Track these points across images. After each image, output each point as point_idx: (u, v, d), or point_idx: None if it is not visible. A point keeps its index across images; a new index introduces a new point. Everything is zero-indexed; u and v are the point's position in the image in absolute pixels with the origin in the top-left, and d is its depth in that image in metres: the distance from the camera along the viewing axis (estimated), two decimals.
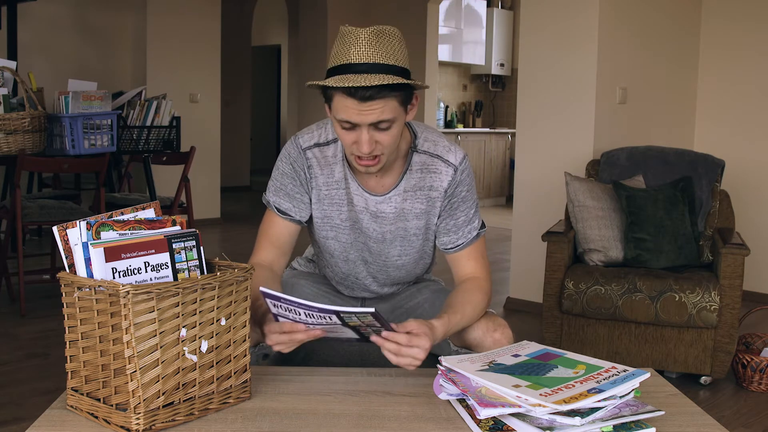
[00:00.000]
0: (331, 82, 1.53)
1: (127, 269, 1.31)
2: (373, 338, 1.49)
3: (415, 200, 1.78)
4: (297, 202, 1.79)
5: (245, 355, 1.44)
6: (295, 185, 1.79)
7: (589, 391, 1.29)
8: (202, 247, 1.42)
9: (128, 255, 1.32)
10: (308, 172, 1.78)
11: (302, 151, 1.77)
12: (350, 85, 1.50)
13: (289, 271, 2.08)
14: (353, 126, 1.58)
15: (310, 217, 1.83)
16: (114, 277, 1.30)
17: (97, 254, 1.29)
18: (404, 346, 1.46)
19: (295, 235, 1.84)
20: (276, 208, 1.80)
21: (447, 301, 1.72)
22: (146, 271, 1.33)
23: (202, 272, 1.41)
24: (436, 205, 1.78)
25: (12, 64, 4.35)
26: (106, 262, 1.29)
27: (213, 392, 1.38)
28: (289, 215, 1.80)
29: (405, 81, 1.55)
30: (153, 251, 1.35)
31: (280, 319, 1.49)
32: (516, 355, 1.49)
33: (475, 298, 1.73)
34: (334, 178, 1.77)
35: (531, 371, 1.39)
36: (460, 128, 9.81)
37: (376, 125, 1.57)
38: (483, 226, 1.84)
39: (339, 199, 1.78)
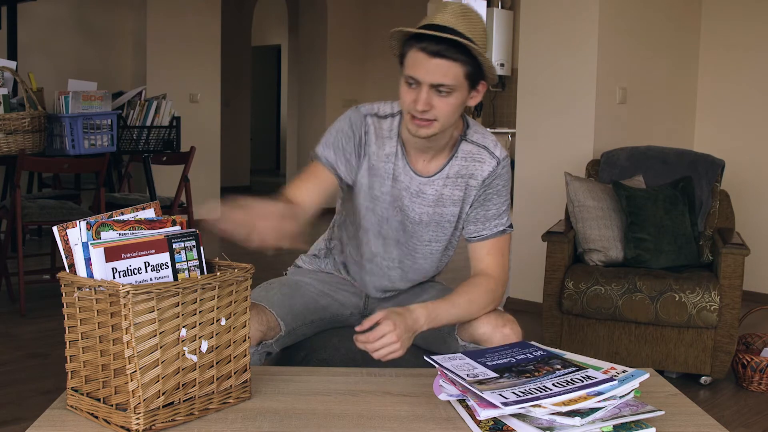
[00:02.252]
0: (410, 29, 1.63)
1: (127, 269, 1.31)
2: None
3: (454, 187, 1.82)
4: (344, 160, 1.79)
5: (245, 355, 1.44)
6: (349, 144, 1.80)
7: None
8: (202, 247, 1.42)
9: (128, 255, 1.32)
10: (365, 137, 1.80)
11: (363, 117, 1.81)
12: (424, 32, 1.59)
13: (293, 269, 2.09)
14: (416, 83, 1.64)
15: (348, 191, 1.85)
16: (114, 277, 1.30)
17: (97, 254, 1.29)
18: (372, 340, 1.56)
19: (330, 190, 1.82)
20: (323, 158, 1.79)
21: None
22: (146, 271, 1.33)
23: (202, 272, 1.41)
24: (472, 193, 1.83)
25: (12, 64, 4.35)
26: (106, 262, 1.29)
27: (213, 392, 1.38)
28: (334, 168, 1.79)
29: (471, 44, 1.60)
30: (153, 251, 1.35)
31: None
32: None
33: (475, 292, 1.76)
34: (385, 152, 1.81)
35: None
36: None
37: (436, 87, 1.63)
38: (510, 226, 1.88)
39: (385, 173, 1.81)
